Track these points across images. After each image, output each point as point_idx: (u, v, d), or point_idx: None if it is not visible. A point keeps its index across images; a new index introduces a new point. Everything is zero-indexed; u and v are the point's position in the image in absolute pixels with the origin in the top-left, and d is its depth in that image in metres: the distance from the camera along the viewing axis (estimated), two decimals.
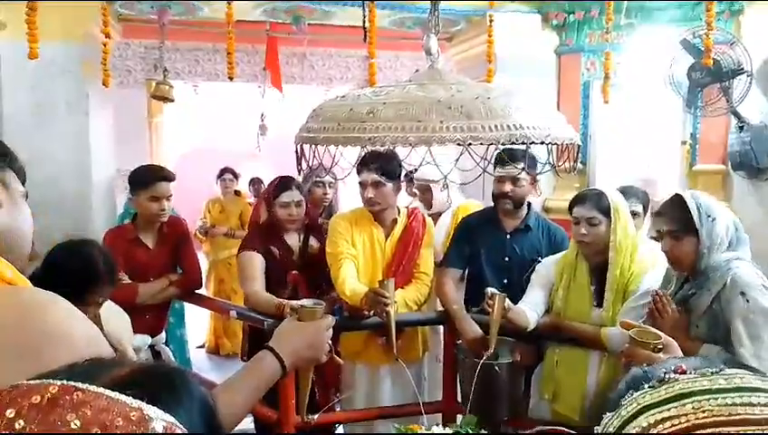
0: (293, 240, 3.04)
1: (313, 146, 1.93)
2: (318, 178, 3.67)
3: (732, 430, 0.52)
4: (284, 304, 2.62)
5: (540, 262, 2.77)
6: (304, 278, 2.99)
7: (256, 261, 2.91)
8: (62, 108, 4.04)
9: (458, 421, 2.46)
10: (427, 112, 1.74)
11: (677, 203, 2.10)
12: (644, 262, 2.47)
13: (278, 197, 2.95)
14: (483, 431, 2.25)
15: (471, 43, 5.28)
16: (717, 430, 0.53)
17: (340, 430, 3.37)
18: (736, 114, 4.26)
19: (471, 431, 2.23)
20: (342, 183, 3.79)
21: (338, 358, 1.62)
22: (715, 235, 2.03)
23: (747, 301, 1.95)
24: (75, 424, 0.43)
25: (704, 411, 0.54)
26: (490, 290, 2.41)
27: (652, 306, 2.15)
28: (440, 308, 2.97)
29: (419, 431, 2.23)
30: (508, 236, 2.92)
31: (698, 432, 0.53)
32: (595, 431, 0.62)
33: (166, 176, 3.03)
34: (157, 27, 5.06)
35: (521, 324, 2.46)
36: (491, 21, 4.02)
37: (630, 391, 0.61)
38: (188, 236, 3.24)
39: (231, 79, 3.80)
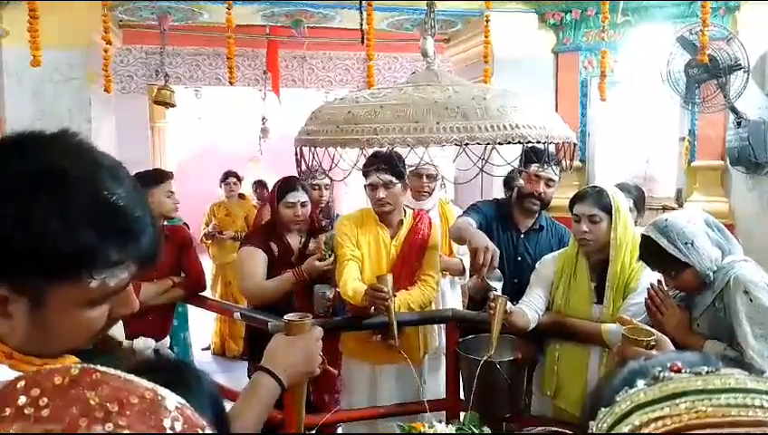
0: (294, 241, 3.05)
1: (313, 148, 1.96)
2: (313, 181, 3.68)
3: (725, 431, 0.52)
4: (298, 270, 2.66)
5: None
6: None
7: (258, 257, 2.91)
8: (65, 115, 4.08)
9: (461, 419, 2.47)
10: (424, 114, 1.77)
11: (653, 244, 2.05)
12: None
13: (283, 197, 2.96)
14: (485, 428, 2.26)
15: (468, 43, 5.31)
16: (710, 431, 0.52)
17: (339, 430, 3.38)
18: (734, 110, 4.27)
19: (474, 428, 2.24)
20: (344, 184, 3.80)
21: (331, 368, 1.63)
22: (705, 253, 2.00)
23: (750, 300, 1.93)
24: (94, 400, 0.47)
25: (697, 412, 0.54)
26: (492, 293, 2.42)
27: (649, 302, 2.17)
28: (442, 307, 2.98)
29: (422, 429, 2.25)
30: (522, 236, 2.93)
31: (691, 433, 0.53)
32: (590, 427, 0.62)
33: (170, 173, 3.15)
34: (158, 33, 5.10)
35: (521, 327, 2.46)
36: (488, 21, 4.05)
37: (626, 388, 0.61)
38: (191, 242, 3.24)
39: (232, 83, 3.84)
